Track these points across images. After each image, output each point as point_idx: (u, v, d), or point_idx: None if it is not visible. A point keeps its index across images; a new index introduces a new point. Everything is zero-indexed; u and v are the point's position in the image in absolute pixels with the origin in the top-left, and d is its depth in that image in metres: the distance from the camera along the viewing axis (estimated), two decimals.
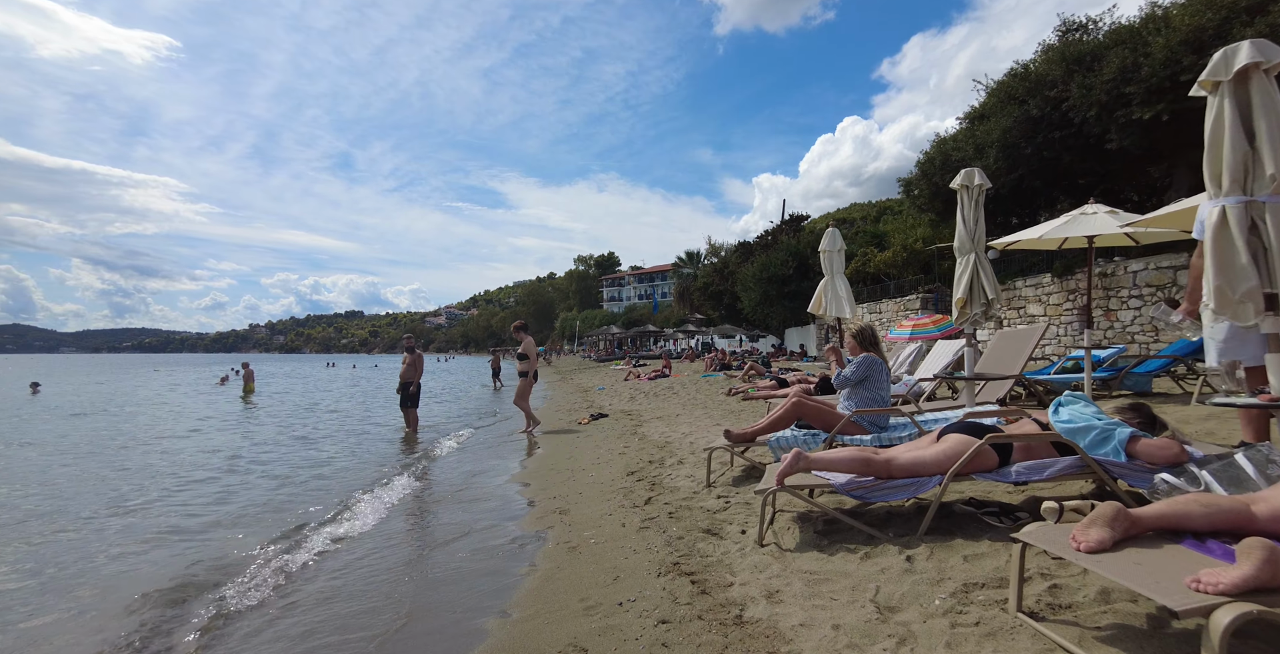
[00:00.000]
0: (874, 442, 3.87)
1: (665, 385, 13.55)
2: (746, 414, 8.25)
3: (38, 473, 6.71)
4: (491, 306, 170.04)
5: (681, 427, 7.57)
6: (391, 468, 6.54)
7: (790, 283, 22.71)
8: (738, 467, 4.76)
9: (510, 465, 6.46)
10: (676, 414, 8.89)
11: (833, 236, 6.61)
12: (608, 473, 5.36)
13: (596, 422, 9.24)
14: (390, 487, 5.59)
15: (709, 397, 10.79)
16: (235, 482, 6.05)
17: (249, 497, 5.41)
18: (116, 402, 16.74)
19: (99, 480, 6.22)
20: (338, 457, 7.39)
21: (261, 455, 7.56)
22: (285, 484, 5.88)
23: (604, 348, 47.38)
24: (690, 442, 6.25)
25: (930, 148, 13.02)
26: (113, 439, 9.23)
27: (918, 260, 17.95)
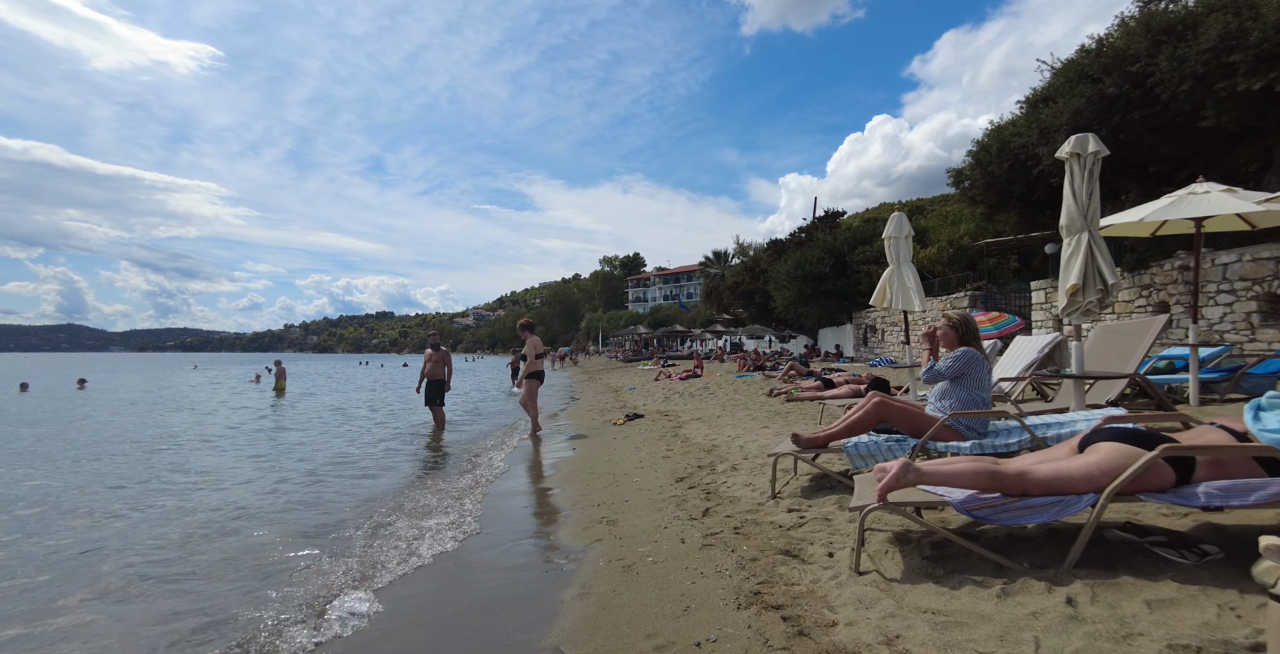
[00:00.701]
0: (973, 449, 3.33)
1: (699, 386, 13.05)
2: (794, 416, 7.71)
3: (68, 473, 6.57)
4: (518, 307, 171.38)
5: (725, 429, 7.07)
6: (414, 469, 6.21)
7: (827, 281, 21.92)
8: (803, 475, 4.26)
9: (544, 468, 6.07)
10: (717, 416, 8.39)
11: (899, 222, 6.02)
12: (654, 478, 4.91)
13: (632, 422, 8.80)
14: (414, 490, 5.23)
15: (749, 398, 10.25)
16: (261, 486, 5.78)
17: (259, 505, 5.11)
18: (163, 398, 17.00)
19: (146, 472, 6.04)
20: (362, 458, 7.10)
21: (281, 462, 7.32)
22: (314, 484, 5.58)
23: (631, 348, 47.00)
24: (740, 446, 5.75)
25: (984, 136, 12.18)
26: (161, 438, 9.16)
27: (964, 256, 17.02)
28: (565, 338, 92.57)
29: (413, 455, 7.20)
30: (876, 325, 20.72)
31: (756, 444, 5.71)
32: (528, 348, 8.31)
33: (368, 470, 6.21)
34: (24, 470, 6.50)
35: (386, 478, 5.87)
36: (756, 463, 4.84)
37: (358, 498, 5.04)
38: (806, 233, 26.38)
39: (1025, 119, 10.98)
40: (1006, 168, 11.19)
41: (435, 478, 5.80)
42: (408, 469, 6.28)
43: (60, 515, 4.73)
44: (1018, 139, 10.95)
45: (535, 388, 8.47)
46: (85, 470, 6.48)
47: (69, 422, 11.22)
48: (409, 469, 6.29)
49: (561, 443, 7.77)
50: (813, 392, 9.60)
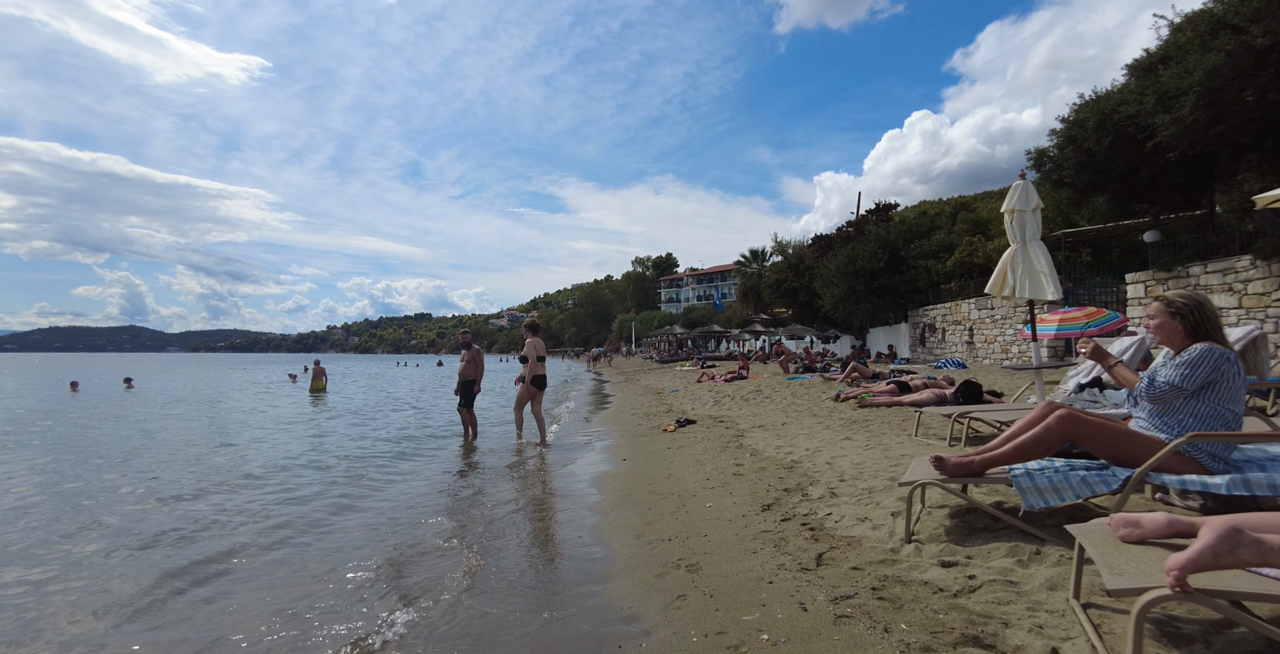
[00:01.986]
0: (1228, 488, 2.31)
1: (749, 388, 12.04)
2: (875, 425, 6.68)
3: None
4: (551, 308, 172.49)
5: (798, 440, 6.10)
6: (432, 485, 5.44)
7: (880, 277, 20.52)
8: (933, 505, 3.29)
9: (589, 483, 5.22)
10: (782, 423, 7.41)
11: (1025, 192, 4.90)
12: (732, 503, 4.00)
13: (684, 428, 7.91)
14: (438, 512, 4.44)
15: (812, 403, 9.22)
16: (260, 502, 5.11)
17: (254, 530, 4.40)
18: (207, 397, 16.97)
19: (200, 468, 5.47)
20: (368, 469, 6.39)
21: (293, 481, 6.68)
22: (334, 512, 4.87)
23: (667, 349, 46.07)
24: (826, 462, 4.79)
25: (1074, 111, 10.72)
26: (207, 435, 8.75)
27: (1050, 245, 15.46)
28: (598, 339, 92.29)
29: (436, 459, 6.48)
30: (936, 324, 19.27)
31: (847, 460, 4.74)
32: (527, 349, 7.50)
33: (373, 485, 5.46)
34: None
35: (397, 488, 5.13)
36: (859, 488, 3.88)
37: (348, 533, 4.25)
38: (855, 227, 24.97)
39: (1135, 86, 9.53)
40: (1107, 144, 9.80)
41: (458, 497, 5.02)
42: (420, 486, 5.50)
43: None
44: (1126, 107, 9.53)
45: (526, 394, 7.57)
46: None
47: (114, 420, 11.00)
48: (421, 487, 5.50)
49: (599, 453, 6.92)
50: (888, 396, 8.54)
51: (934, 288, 19.87)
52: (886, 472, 4.24)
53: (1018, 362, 14.88)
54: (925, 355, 19.90)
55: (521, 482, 5.57)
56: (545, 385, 7.74)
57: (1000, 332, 15.71)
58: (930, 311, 19.61)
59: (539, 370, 7.54)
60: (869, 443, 5.52)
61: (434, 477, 5.85)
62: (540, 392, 7.68)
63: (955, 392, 7.68)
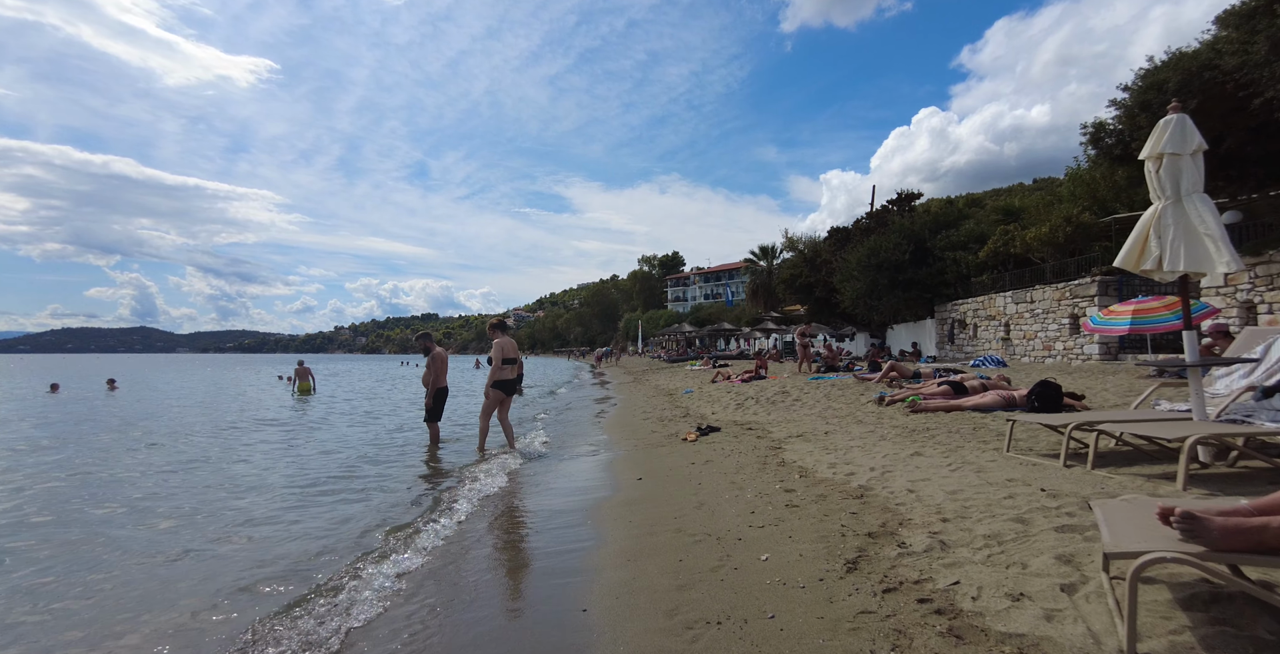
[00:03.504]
0: None
1: (774, 389, 10.86)
2: (940, 434, 5.51)
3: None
4: (556, 308, 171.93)
5: (854, 454, 4.95)
6: (382, 517, 4.32)
7: (905, 270, 19.24)
8: (1152, 577, 2.12)
9: (589, 515, 4.07)
10: (825, 432, 6.25)
11: (1180, 130, 3.62)
12: (796, 554, 2.85)
13: (707, 437, 6.76)
14: (383, 565, 3.32)
15: (852, 406, 8.05)
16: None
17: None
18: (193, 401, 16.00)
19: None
20: (287, 508, 5.28)
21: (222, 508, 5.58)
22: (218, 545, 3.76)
23: (676, 348, 44.92)
24: (907, 489, 3.64)
25: (1152, 71, 9.31)
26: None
27: (1087, 235, 14.21)
28: (604, 338, 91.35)
29: (398, 480, 5.37)
30: (967, 319, 18.00)
31: (935, 487, 3.59)
32: (493, 351, 6.58)
33: (253, 523, 4.34)
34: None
35: (273, 537, 4.02)
36: (977, 534, 2.73)
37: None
38: (875, 218, 23.70)
39: (1237, 36, 8.18)
40: (1193, 106, 8.52)
41: (414, 544, 3.90)
42: (370, 518, 4.38)
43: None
44: (1225, 61, 8.16)
45: (494, 401, 6.67)
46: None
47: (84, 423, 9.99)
48: (370, 519, 4.37)
49: (604, 470, 5.78)
50: (942, 399, 7.36)
51: (964, 281, 18.61)
52: (1002, 506, 3.09)
53: (1066, 357, 13.63)
54: (955, 353, 18.64)
55: (491, 513, 4.44)
56: (514, 391, 6.80)
57: (1042, 327, 14.45)
58: (960, 306, 18.35)
59: (504, 374, 6.60)
60: (949, 461, 4.36)
61: (352, 511, 4.73)
62: (508, 398, 6.76)
63: (1029, 395, 6.49)
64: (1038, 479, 3.55)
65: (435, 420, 7.08)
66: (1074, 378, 10.13)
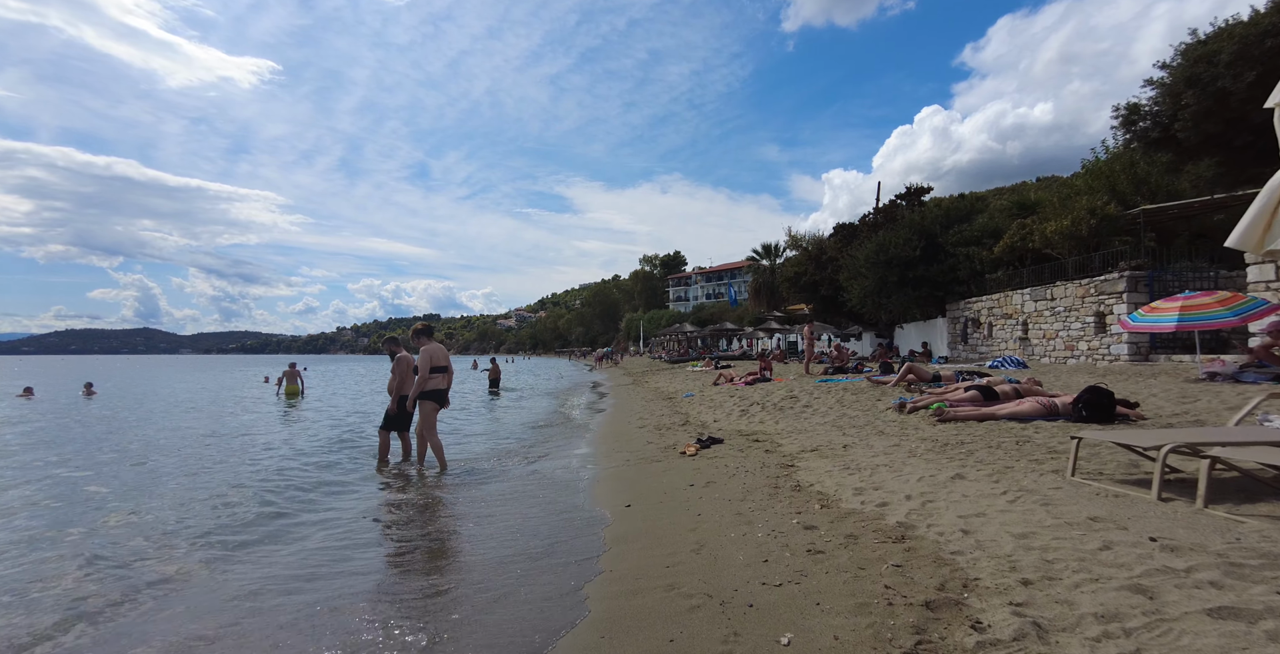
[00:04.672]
0: None
1: (781, 393, 10.07)
2: (979, 449, 4.74)
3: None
4: (558, 308, 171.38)
5: (882, 476, 4.17)
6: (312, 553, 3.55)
7: (915, 267, 18.41)
8: None
9: (564, 561, 3.29)
10: (844, 445, 5.47)
11: None
12: (830, 638, 2.07)
13: (709, 450, 6.00)
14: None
15: (869, 413, 7.26)
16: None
17: None
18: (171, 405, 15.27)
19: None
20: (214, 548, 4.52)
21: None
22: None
23: (677, 348, 44.16)
24: (961, 529, 2.87)
25: (1199, 44, 8.47)
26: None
27: (1112, 228, 13.38)
28: (606, 338, 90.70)
29: (344, 497, 4.62)
30: (981, 318, 17.19)
31: (997, 527, 2.81)
32: (420, 359, 5.95)
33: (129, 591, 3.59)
34: None
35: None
36: (1079, 613, 1.95)
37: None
38: (883, 214, 22.89)
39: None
40: (1250, 80, 7.69)
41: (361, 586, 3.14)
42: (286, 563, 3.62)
43: None
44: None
45: (435, 412, 6.05)
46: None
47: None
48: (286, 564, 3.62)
49: (583, 493, 5.01)
50: (971, 407, 6.57)
51: (977, 278, 17.80)
52: (1101, 562, 2.32)
53: (1088, 359, 12.82)
54: (968, 353, 17.83)
55: (421, 557, 3.68)
56: (445, 401, 6.14)
57: (1064, 325, 13.64)
58: (974, 304, 17.54)
59: (434, 384, 5.94)
60: (1001, 487, 3.58)
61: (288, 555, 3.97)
62: (440, 406, 6.10)
63: (1076, 403, 5.71)
64: (1133, 520, 2.77)
65: (391, 430, 6.33)
66: (1107, 381, 9.33)
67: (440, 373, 6.02)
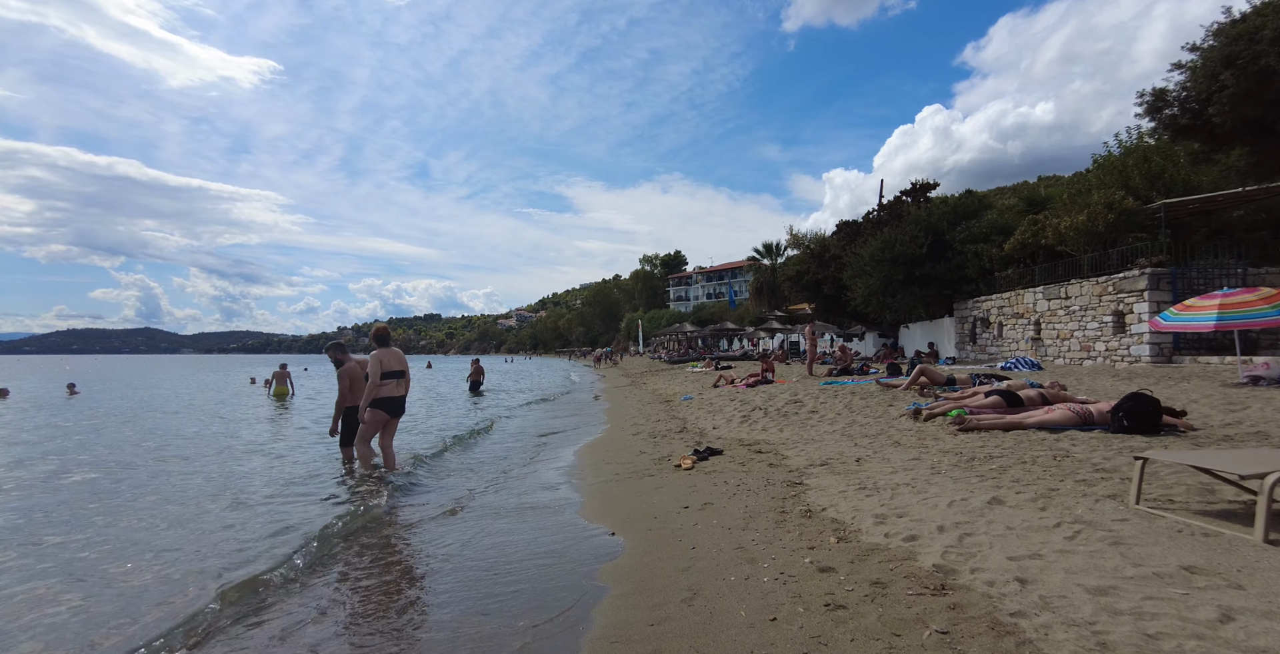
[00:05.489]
0: None
1: (783, 397, 9.49)
2: (1013, 466, 4.17)
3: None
4: (559, 308, 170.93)
5: (905, 499, 3.61)
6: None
7: (922, 264, 17.82)
8: None
9: (522, 621, 2.73)
10: (857, 459, 4.90)
11: None
12: None
13: (707, 462, 5.44)
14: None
15: (879, 420, 6.69)
16: None
17: None
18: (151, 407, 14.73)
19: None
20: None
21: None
22: None
23: (677, 348, 43.60)
24: (1015, 577, 2.31)
25: (1226, 27, 7.90)
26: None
27: (1129, 224, 12.77)
28: (606, 338, 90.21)
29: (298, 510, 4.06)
30: (991, 317, 16.60)
31: (1069, 578, 2.25)
32: (370, 365, 5.39)
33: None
34: None
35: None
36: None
37: None
38: (888, 211, 22.31)
39: None
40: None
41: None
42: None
43: None
44: None
45: (378, 425, 5.52)
46: None
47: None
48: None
49: (564, 517, 4.45)
50: (993, 414, 6.00)
51: (986, 276, 17.22)
52: (1224, 640, 1.75)
53: (1107, 360, 12.23)
54: (977, 354, 17.24)
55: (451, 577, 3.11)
56: (400, 410, 5.62)
57: (1079, 325, 13.06)
58: (983, 303, 16.95)
59: (387, 391, 5.40)
60: (1052, 517, 3.01)
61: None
62: (394, 418, 5.58)
63: (1115, 411, 5.13)
64: (1244, 573, 2.20)
65: (348, 445, 5.80)
66: (1130, 385, 8.76)
67: (395, 379, 5.46)
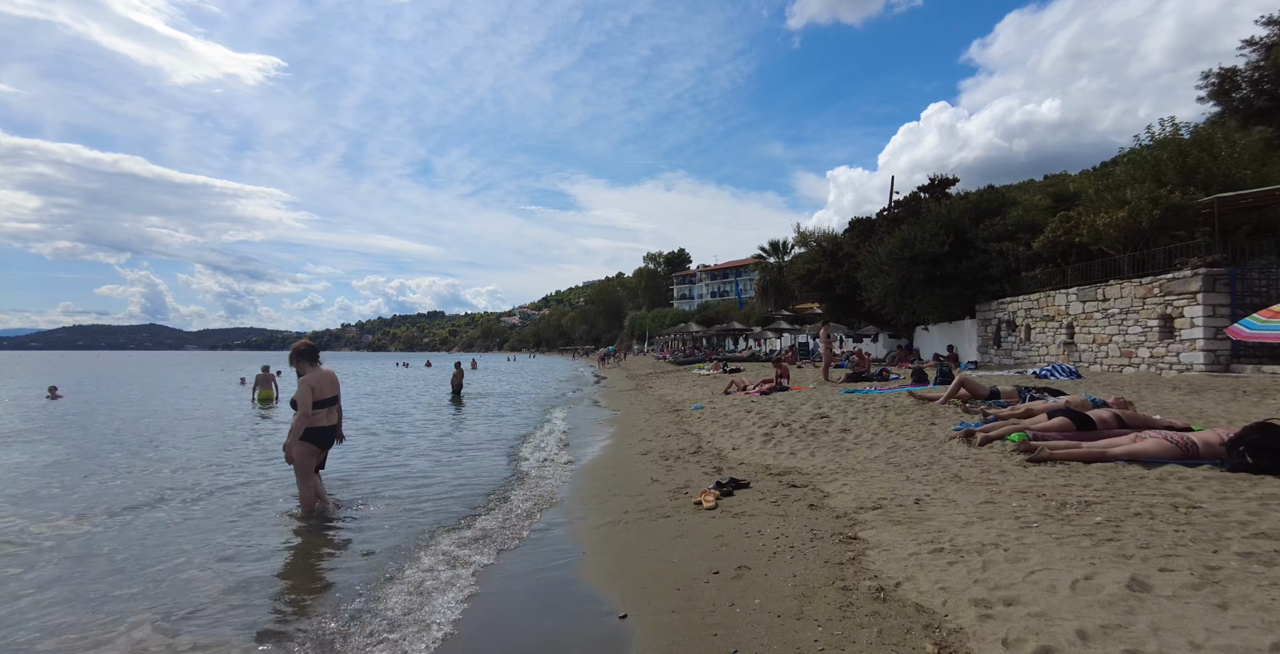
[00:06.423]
0: None
1: (807, 409, 8.58)
2: (1128, 521, 3.32)
3: None
4: (562, 306, 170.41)
5: (997, 566, 2.77)
6: None
7: (943, 264, 16.93)
8: None
9: None
10: (915, 500, 4.05)
11: None
12: None
13: (731, 499, 4.61)
14: None
15: (923, 443, 5.83)
16: None
17: None
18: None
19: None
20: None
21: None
22: None
23: (682, 348, 42.76)
24: None
25: None
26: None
27: (1180, 220, 11.86)
28: (609, 337, 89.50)
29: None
30: (1017, 320, 15.70)
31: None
32: (298, 391, 4.62)
33: None
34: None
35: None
36: None
37: None
38: (904, 208, 21.40)
39: None
40: None
41: None
42: None
43: None
44: None
45: (312, 457, 4.73)
46: None
47: None
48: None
49: (560, 581, 3.63)
50: (1065, 441, 5.14)
51: (1012, 276, 16.31)
52: None
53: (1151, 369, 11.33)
54: (1002, 358, 16.35)
55: None
56: (333, 441, 4.90)
57: (1119, 329, 12.16)
58: (1008, 305, 16.05)
59: (319, 421, 4.65)
60: (1246, 618, 2.16)
61: None
62: (322, 451, 4.81)
63: (1235, 443, 4.26)
64: None
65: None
66: (1199, 398, 7.89)
67: (328, 407, 4.71)
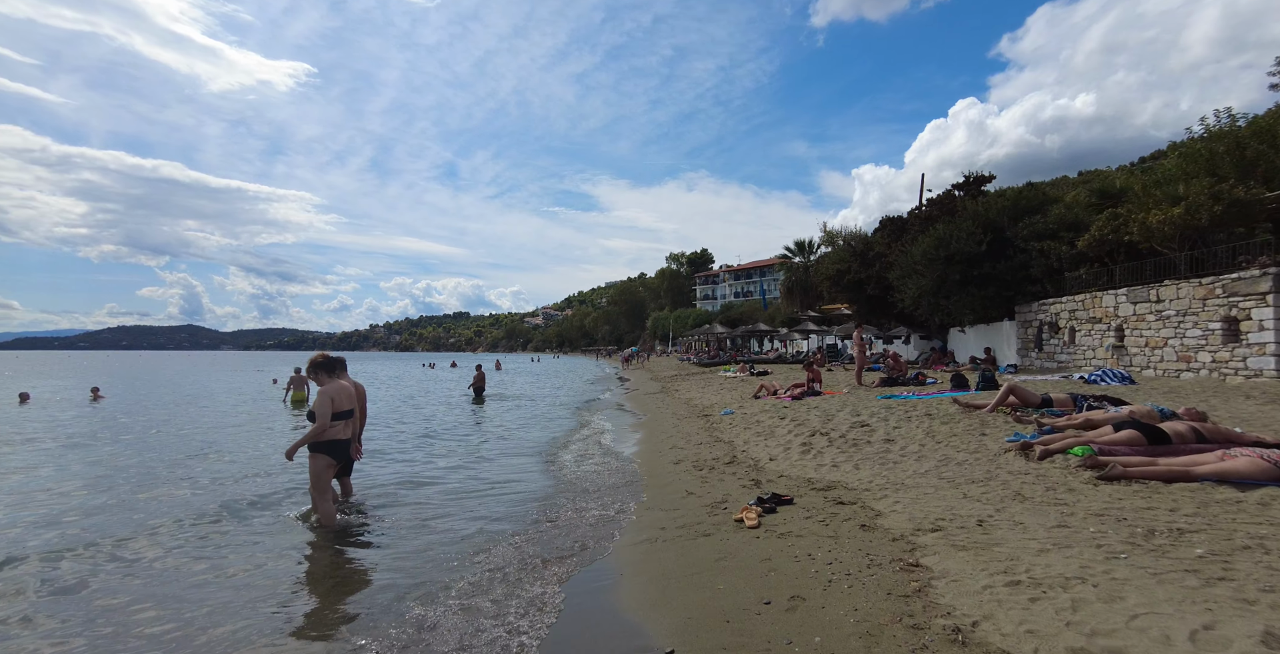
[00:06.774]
0: None
1: (845, 416, 8.26)
2: (1238, 555, 2.98)
3: None
4: (584, 307, 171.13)
5: (1089, 605, 2.47)
6: None
7: (981, 263, 16.30)
8: None
9: None
10: (979, 520, 3.74)
11: None
12: None
13: (775, 516, 4.36)
14: None
15: (975, 455, 5.48)
16: None
17: None
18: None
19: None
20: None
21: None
22: None
23: (707, 349, 42.37)
24: None
25: None
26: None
27: (1242, 216, 11.17)
28: (631, 337, 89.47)
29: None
30: (1060, 321, 15.03)
31: None
32: (317, 402, 4.52)
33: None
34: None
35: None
36: None
37: None
38: (938, 206, 20.74)
39: None
40: None
41: None
42: None
43: None
44: None
45: (328, 469, 4.55)
46: None
47: None
48: None
49: (593, 611, 3.42)
50: (1142, 459, 4.75)
51: (1054, 276, 15.63)
52: None
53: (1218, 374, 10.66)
54: (1044, 362, 15.68)
55: None
56: (349, 453, 4.75)
57: (1175, 332, 11.50)
58: (1051, 306, 15.38)
59: (336, 433, 4.51)
60: None
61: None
62: (338, 463, 4.65)
63: None
64: None
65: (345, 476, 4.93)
66: (1263, 407, 7.35)
67: (345, 419, 4.60)
